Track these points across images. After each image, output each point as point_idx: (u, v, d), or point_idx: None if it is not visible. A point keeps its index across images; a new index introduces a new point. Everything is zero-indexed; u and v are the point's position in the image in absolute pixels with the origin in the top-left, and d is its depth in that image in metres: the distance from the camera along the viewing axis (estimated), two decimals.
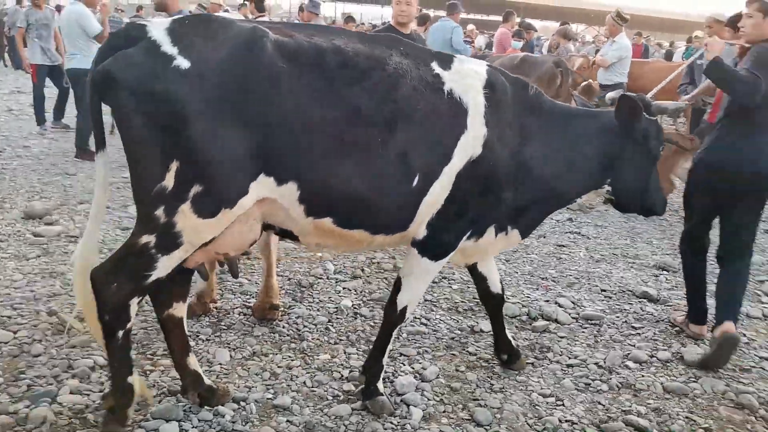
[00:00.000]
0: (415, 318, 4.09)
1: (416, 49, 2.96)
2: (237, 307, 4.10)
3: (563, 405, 3.26)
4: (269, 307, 3.95)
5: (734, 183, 3.78)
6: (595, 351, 3.84)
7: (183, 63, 2.40)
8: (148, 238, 2.54)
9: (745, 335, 4.17)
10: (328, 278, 4.69)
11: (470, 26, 17.37)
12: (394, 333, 3.16)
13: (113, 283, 2.58)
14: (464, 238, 3.04)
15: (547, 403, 3.27)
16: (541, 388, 3.40)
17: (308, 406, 3.10)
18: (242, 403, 3.08)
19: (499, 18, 13.12)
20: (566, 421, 3.13)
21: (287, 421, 2.98)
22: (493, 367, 3.57)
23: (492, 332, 3.70)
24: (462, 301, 4.44)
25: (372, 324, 3.97)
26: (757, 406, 3.33)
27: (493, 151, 2.89)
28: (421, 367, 3.51)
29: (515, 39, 11.69)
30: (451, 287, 4.67)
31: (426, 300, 4.40)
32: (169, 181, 2.45)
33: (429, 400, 3.21)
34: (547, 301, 4.53)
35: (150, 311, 3.92)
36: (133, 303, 2.63)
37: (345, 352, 3.62)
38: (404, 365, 3.52)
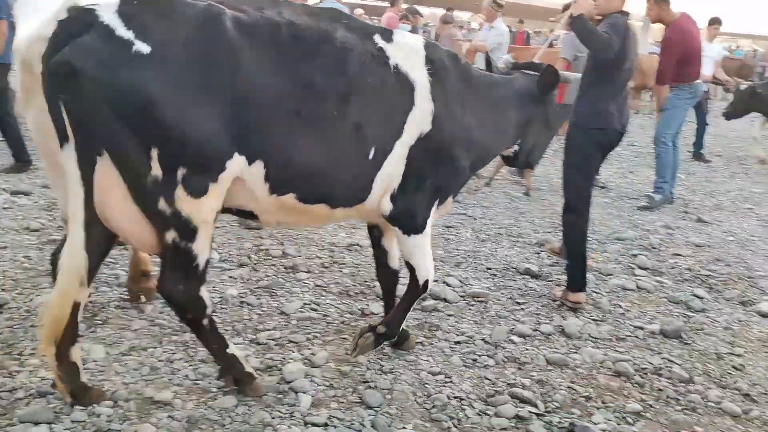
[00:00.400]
0: (305, 304, 4.01)
1: (359, 22, 3.05)
2: (113, 301, 3.86)
3: (451, 382, 3.29)
4: (142, 275, 3.78)
5: (607, 140, 4.29)
6: (482, 327, 3.92)
7: (143, 47, 2.36)
8: (171, 234, 2.60)
9: (620, 306, 4.39)
10: (212, 267, 4.51)
11: (359, 10, 17.33)
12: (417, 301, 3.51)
13: (178, 285, 2.70)
14: (435, 206, 3.30)
15: (436, 380, 3.30)
16: (431, 367, 3.42)
17: (191, 400, 2.96)
18: (120, 401, 2.90)
19: (387, 4, 13.17)
20: (455, 397, 3.16)
21: (168, 416, 2.82)
22: (383, 348, 3.54)
23: (384, 313, 3.69)
24: (353, 285, 4.40)
25: (260, 312, 3.86)
26: (632, 372, 3.50)
27: (442, 124, 3.09)
28: (310, 353, 3.44)
29: (403, 22, 11.76)
30: (341, 271, 4.63)
31: (316, 285, 4.33)
32: (156, 169, 2.46)
33: (318, 385, 3.14)
34: (436, 280, 4.57)
35: (16, 308, 3.64)
36: (203, 290, 2.76)
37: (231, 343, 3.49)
38: (293, 352, 3.44)
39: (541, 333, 3.91)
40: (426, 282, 3.37)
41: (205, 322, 2.85)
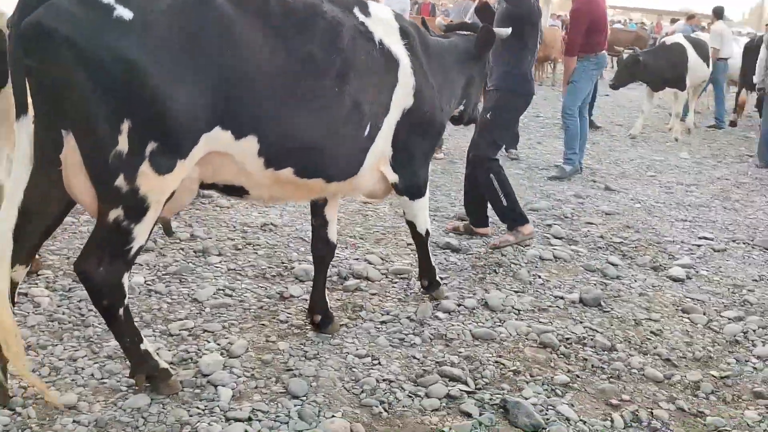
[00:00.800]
0: (218, 290, 3.78)
1: None
2: None
3: (380, 364, 3.18)
4: None
5: (526, 105, 4.99)
6: (407, 305, 3.82)
7: (125, 13, 2.24)
8: (116, 212, 2.43)
9: (540, 276, 4.41)
10: None
11: None
12: (429, 246, 3.88)
13: (99, 267, 2.49)
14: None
15: (364, 364, 3.17)
16: (357, 349, 3.28)
17: (98, 402, 2.70)
18: (17, 408, 2.60)
19: None
20: (384, 380, 3.04)
21: (74, 421, 2.56)
22: (305, 333, 3.39)
23: (309, 294, 3.54)
24: (269, 267, 4.20)
25: (169, 301, 3.60)
26: (557, 344, 3.50)
27: (423, 97, 3.27)
28: (227, 342, 3.22)
29: None
30: (256, 253, 4.40)
31: (229, 269, 4.10)
32: (123, 144, 2.32)
33: (239, 377, 2.95)
34: (357, 259, 4.44)
35: None
36: (125, 278, 2.58)
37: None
38: (209, 342, 3.22)
39: (465, 308, 3.85)
40: (427, 230, 3.78)
41: (121, 311, 2.62)
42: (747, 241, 5.55)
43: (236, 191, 2.88)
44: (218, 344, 3.20)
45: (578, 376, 3.24)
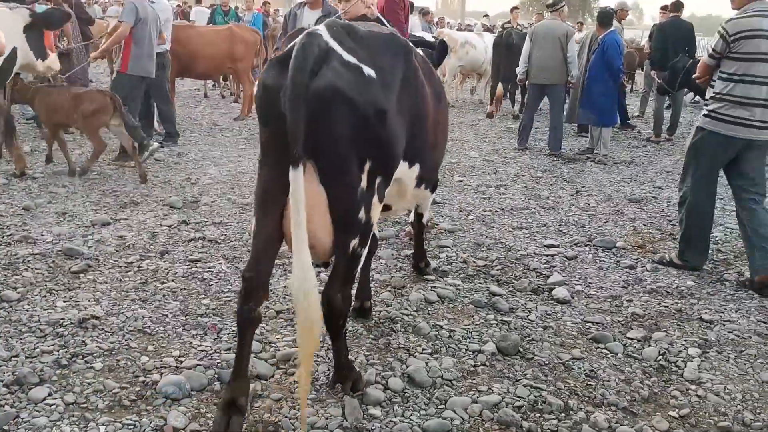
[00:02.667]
0: None
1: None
2: None
3: None
4: None
5: None
6: (326, 406, 3.02)
7: (370, 72, 2.67)
8: (354, 242, 2.79)
9: (442, 327, 3.88)
10: None
11: None
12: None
13: (341, 292, 2.88)
14: None
15: None
16: None
17: None
18: None
19: None
20: None
21: None
22: None
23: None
24: None
25: None
26: (516, 418, 3.00)
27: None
28: None
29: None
30: None
31: None
32: (363, 181, 2.72)
33: None
34: (229, 350, 3.50)
35: None
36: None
37: None
38: None
39: (393, 391, 3.19)
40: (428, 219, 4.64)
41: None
42: (587, 243, 5.63)
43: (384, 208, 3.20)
44: None
45: None
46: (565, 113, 10.29)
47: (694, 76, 5.32)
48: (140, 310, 3.90)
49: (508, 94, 13.35)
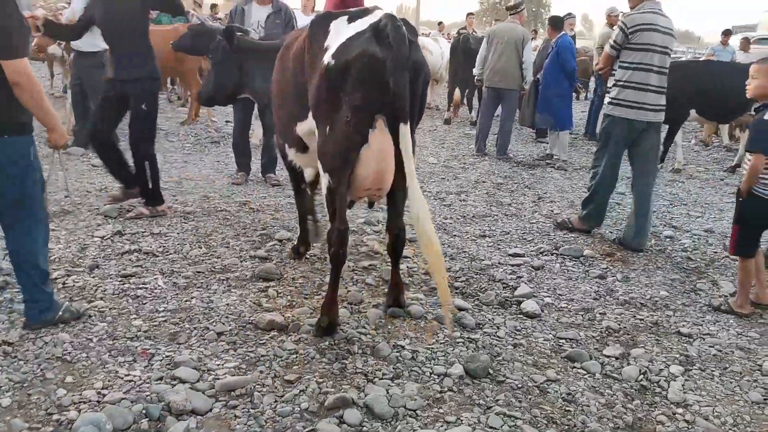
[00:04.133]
0: None
1: None
2: None
3: None
4: None
5: None
6: None
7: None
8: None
9: (404, 348, 3.50)
10: None
11: None
12: None
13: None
14: None
15: None
16: None
17: None
18: None
19: None
20: None
21: None
22: None
23: None
24: None
25: None
26: None
27: None
28: None
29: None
30: None
31: None
32: None
33: None
34: (159, 380, 3.05)
35: None
36: None
37: None
38: None
39: (349, 425, 2.79)
40: None
41: None
42: (553, 252, 5.34)
43: None
44: None
45: None
46: (516, 117, 10.11)
47: (596, 66, 6.05)
48: (61, 333, 3.42)
49: (465, 100, 13.10)
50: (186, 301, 3.93)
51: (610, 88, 5.57)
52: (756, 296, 4.36)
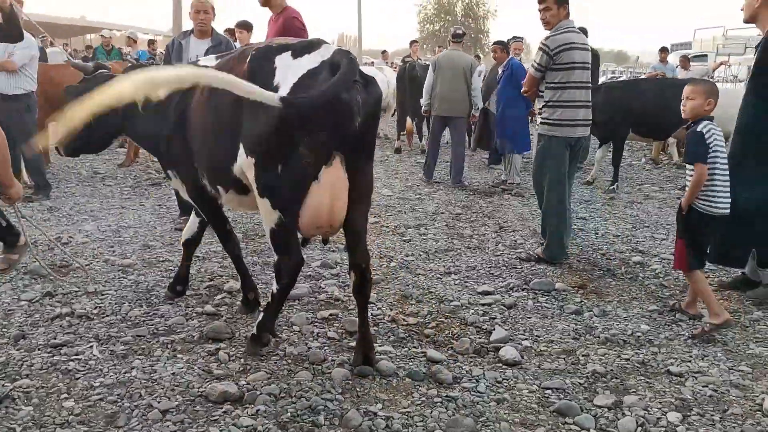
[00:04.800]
0: None
1: None
2: None
3: None
4: None
5: None
6: None
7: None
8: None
9: (377, 415, 3.11)
10: None
11: None
12: None
13: None
14: None
15: None
16: None
17: None
18: None
19: None
20: None
21: None
22: None
23: None
24: None
25: None
26: None
27: None
28: None
29: None
30: None
31: None
32: None
33: None
34: None
35: None
36: None
37: None
38: None
39: None
40: None
41: None
42: (523, 287, 5.04)
43: None
44: None
45: None
46: (472, 142, 9.96)
47: (523, 90, 5.86)
48: None
49: (415, 128, 12.90)
50: (125, 372, 3.46)
51: (541, 109, 5.66)
52: (686, 304, 4.48)
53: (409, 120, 12.18)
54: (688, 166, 4.22)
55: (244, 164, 3.27)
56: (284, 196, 3.20)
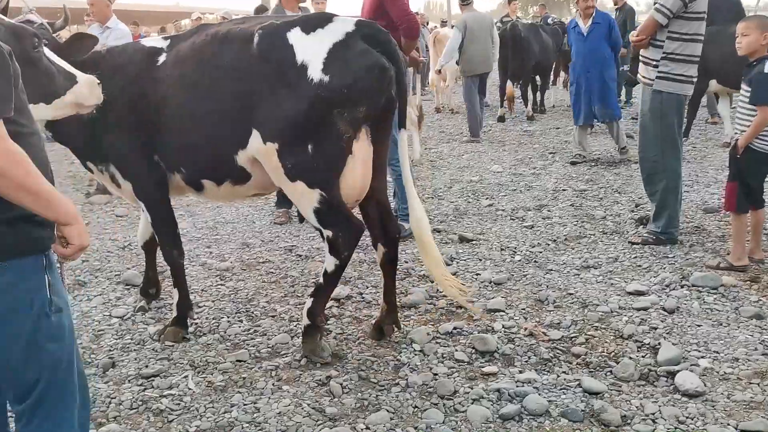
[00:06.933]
0: None
1: None
2: None
3: None
4: None
5: None
6: None
7: None
8: None
9: None
10: None
11: None
12: None
13: None
14: None
15: None
16: None
17: None
18: None
19: None
20: None
21: None
22: None
23: None
24: None
25: None
26: None
27: None
28: None
29: None
30: None
31: None
32: None
33: None
34: None
35: None
36: None
37: None
38: None
39: None
40: None
41: None
42: (682, 283, 4.18)
43: None
44: None
45: None
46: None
47: (635, 37, 4.98)
48: None
49: (519, 92, 11.94)
50: (224, 413, 2.95)
51: (657, 61, 4.80)
52: (750, 250, 4.39)
53: (509, 84, 11.24)
54: (746, 105, 4.14)
55: (259, 152, 3.13)
56: (321, 174, 3.13)
